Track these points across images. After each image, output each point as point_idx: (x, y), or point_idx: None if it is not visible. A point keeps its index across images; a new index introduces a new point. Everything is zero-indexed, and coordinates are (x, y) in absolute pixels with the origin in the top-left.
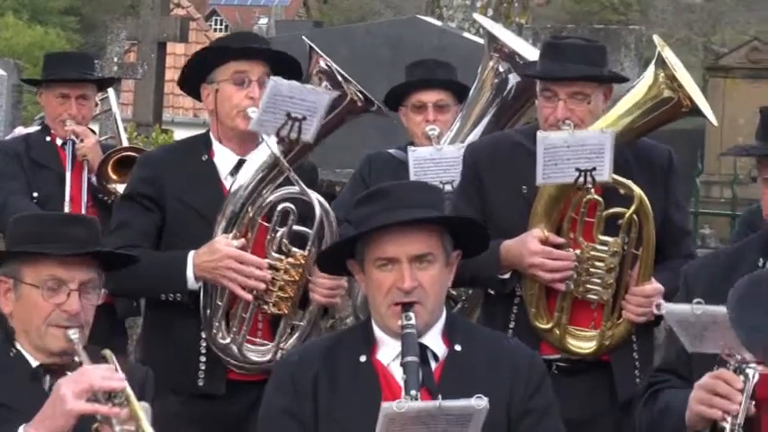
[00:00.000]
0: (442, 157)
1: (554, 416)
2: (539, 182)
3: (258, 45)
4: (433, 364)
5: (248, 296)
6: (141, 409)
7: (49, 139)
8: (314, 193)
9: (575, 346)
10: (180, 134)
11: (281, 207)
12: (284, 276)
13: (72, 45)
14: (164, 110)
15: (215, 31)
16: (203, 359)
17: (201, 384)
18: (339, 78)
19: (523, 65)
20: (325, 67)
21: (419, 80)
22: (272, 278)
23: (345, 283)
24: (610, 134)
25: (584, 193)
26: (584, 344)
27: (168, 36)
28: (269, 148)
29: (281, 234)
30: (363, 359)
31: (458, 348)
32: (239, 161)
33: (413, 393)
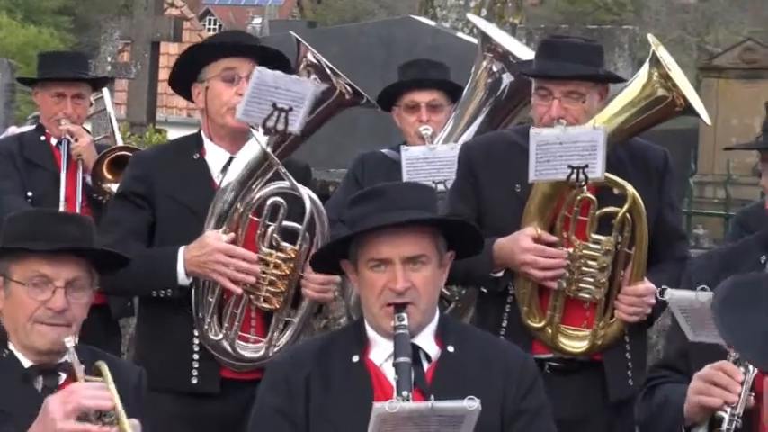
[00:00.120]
0: (435, 156)
1: (546, 417)
2: (531, 179)
3: (247, 42)
4: (425, 365)
5: (238, 289)
6: (131, 427)
7: (43, 138)
8: (304, 188)
9: (567, 345)
10: (173, 134)
11: (270, 201)
12: (275, 271)
13: (65, 45)
14: (157, 109)
15: (209, 30)
16: (196, 357)
17: (195, 383)
18: (328, 71)
19: (519, 63)
20: (314, 61)
21: (412, 80)
22: (262, 272)
23: (338, 278)
24: (602, 131)
25: (577, 192)
26: (576, 343)
27: (162, 36)
28: (257, 142)
29: (271, 229)
30: (356, 359)
31: (450, 349)
32: (230, 159)
33: (405, 394)
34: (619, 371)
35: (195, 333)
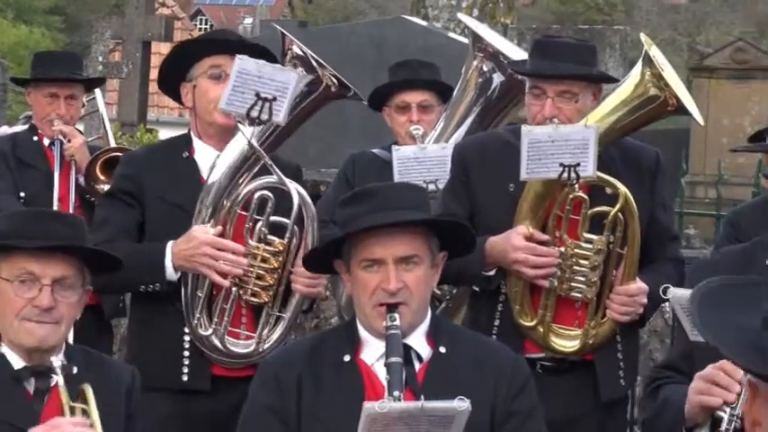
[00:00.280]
0: (426, 156)
1: (537, 419)
2: (522, 177)
3: (232, 38)
4: (416, 365)
5: (225, 282)
6: None
7: (36, 138)
8: (292, 183)
9: (558, 344)
10: (165, 133)
11: (258, 195)
12: (263, 264)
13: (57, 44)
14: (148, 109)
15: (200, 30)
16: (186, 354)
17: (186, 380)
18: (313, 63)
19: (512, 63)
20: (299, 53)
21: (403, 80)
22: (250, 266)
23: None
24: (594, 129)
25: (569, 191)
26: (567, 342)
27: (153, 35)
28: (243, 135)
29: (260, 223)
30: (347, 359)
31: (442, 350)
32: (219, 156)
33: (396, 394)
34: (610, 371)
35: (186, 331)
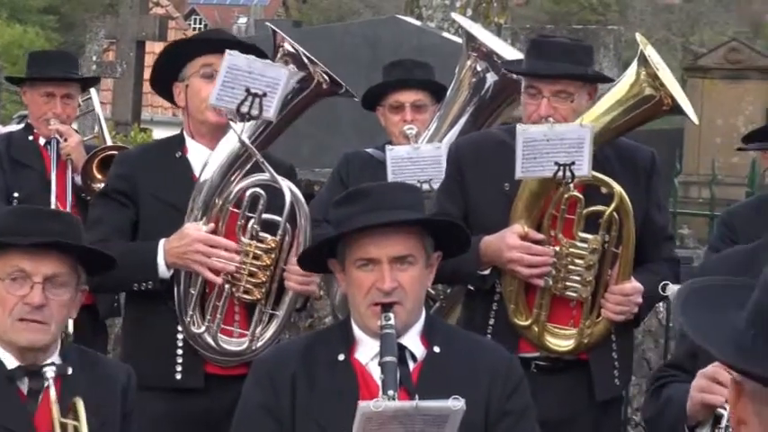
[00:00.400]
0: (420, 155)
1: (531, 419)
2: (518, 175)
3: (224, 37)
4: (411, 365)
5: (218, 279)
6: None
7: (31, 138)
8: (284, 180)
9: (553, 343)
10: (159, 133)
11: (250, 192)
12: (255, 262)
13: (51, 44)
14: (142, 108)
15: (194, 30)
16: (180, 352)
17: (179, 378)
18: (305, 60)
19: (508, 62)
20: (291, 50)
21: (396, 80)
22: (242, 263)
23: None
24: (589, 128)
25: (564, 190)
26: (562, 342)
27: (147, 35)
28: (235, 132)
29: (252, 221)
30: (342, 358)
31: (436, 350)
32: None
33: (390, 393)
34: (605, 370)
35: (179, 329)
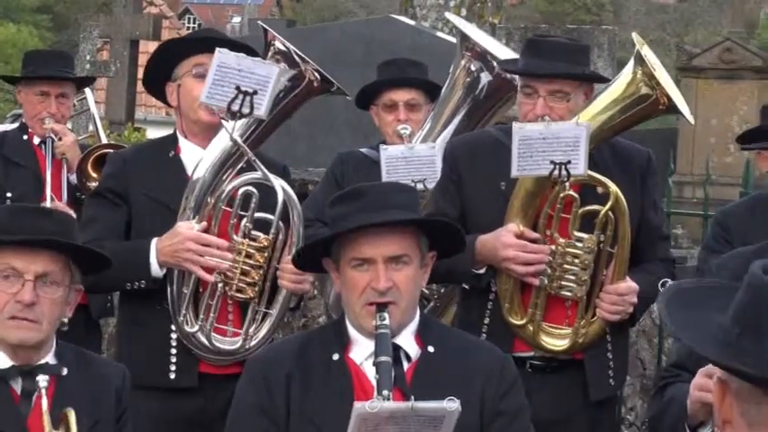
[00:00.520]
0: (414, 155)
1: (525, 419)
2: (513, 174)
3: (215, 37)
4: (405, 365)
5: (210, 277)
6: None
7: (25, 137)
8: (276, 179)
9: (548, 343)
10: (152, 132)
11: (242, 191)
12: (248, 260)
13: (45, 43)
14: (136, 108)
15: (188, 29)
16: (174, 351)
17: (173, 378)
18: (296, 58)
19: (504, 62)
20: (282, 48)
21: (390, 79)
22: (234, 261)
23: None
24: (585, 127)
25: (560, 189)
26: (557, 341)
27: (141, 34)
28: (226, 130)
29: (245, 219)
30: (336, 357)
31: (430, 349)
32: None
33: (385, 393)
34: (600, 370)
35: (173, 328)
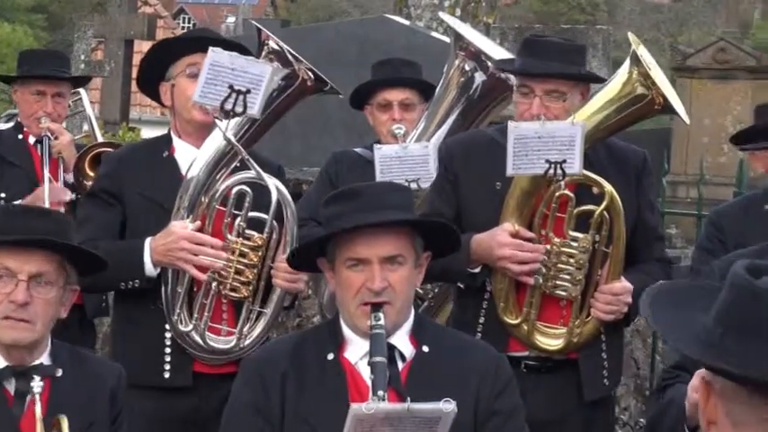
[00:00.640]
0: (408, 154)
1: (519, 418)
2: (509, 172)
3: (209, 36)
4: (400, 364)
5: (203, 276)
6: None
7: (21, 137)
8: (270, 178)
9: (542, 342)
10: (147, 132)
11: (236, 190)
12: (242, 259)
13: (39, 42)
14: (131, 108)
15: (182, 29)
16: (168, 351)
17: (167, 377)
18: (289, 57)
19: (502, 61)
20: (275, 47)
21: (385, 79)
22: (228, 260)
23: None
24: (580, 126)
25: (555, 189)
26: (551, 341)
27: (135, 34)
28: (220, 129)
29: (239, 219)
30: (331, 357)
31: (425, 349)
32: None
33: (380, 394)
34: (594, 370)
35: (167, 328)
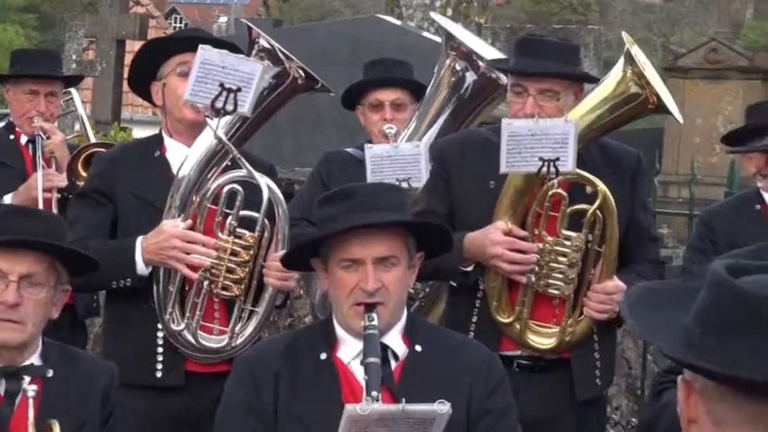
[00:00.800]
0: (398, 154)
1: (512, 417)
2: (502, 170)
3: (199, 35)
4: (393, 364)
5: (194, 275)
6: None
7: (12, 137)
8: (261, 176)
9: (535, 341)
10: (139, 132)
11: (227, 189)
12: (233, 258)
13: (31, 42)
14: (122, 107)
15: (174, 29)
16: (160, 350)
17: (159, 376)
18: (280, 56)
19: (497, 60)
20: (266, 45)
21: (376, 79)
22: (218, 259)
23: None
24: (574, 124)
25: (548, 187)
26: (544, 340)
27: (127, 34)
28: (211, 128)
29: (230, 217)
30: (324, 357)
31: (418, 348)
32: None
33: (374, 394)
34: (587, 370)
35: (159, 327)
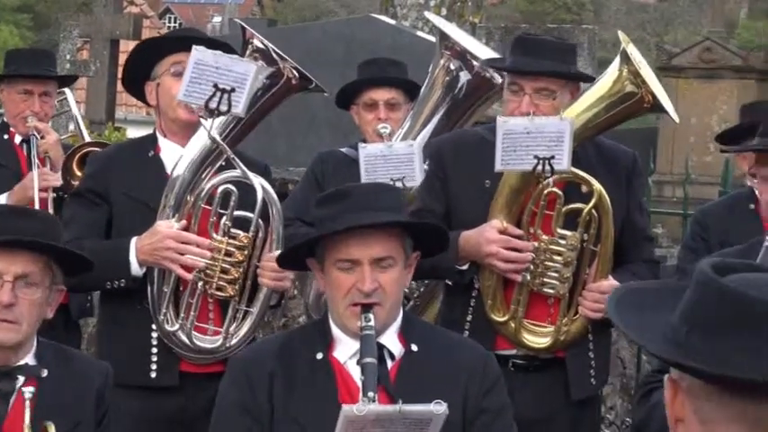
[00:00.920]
0: (393, 153)
1: (507, 417)
2: (497, 168)
3: (193, 35)
4: (389, 363)
5: (188, 275)
6: None
7: (6, 137)
8: (256, 177)
9: (530, 340)
10: (133, 132)
11: (221, 189)
12: (228, 258)
13: (25, 42)
14: (116, 107)
15: (168, 28)
16: (155, 350)
17: (154, 377)
18: (274, 56)
19: (493, 59)
20: (260, 45)
21: (371, 78)
22: (213, 259)
23: None
24: (569, 122)
25: (544, 186)
26: (539, 339)
27: (121, 34)
28: (205, 128)
29: (224, 218)
30: (320, 356)
31: (414, 348)
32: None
33: (371, 395)
34: (582, 369)
35: (153, 327)
